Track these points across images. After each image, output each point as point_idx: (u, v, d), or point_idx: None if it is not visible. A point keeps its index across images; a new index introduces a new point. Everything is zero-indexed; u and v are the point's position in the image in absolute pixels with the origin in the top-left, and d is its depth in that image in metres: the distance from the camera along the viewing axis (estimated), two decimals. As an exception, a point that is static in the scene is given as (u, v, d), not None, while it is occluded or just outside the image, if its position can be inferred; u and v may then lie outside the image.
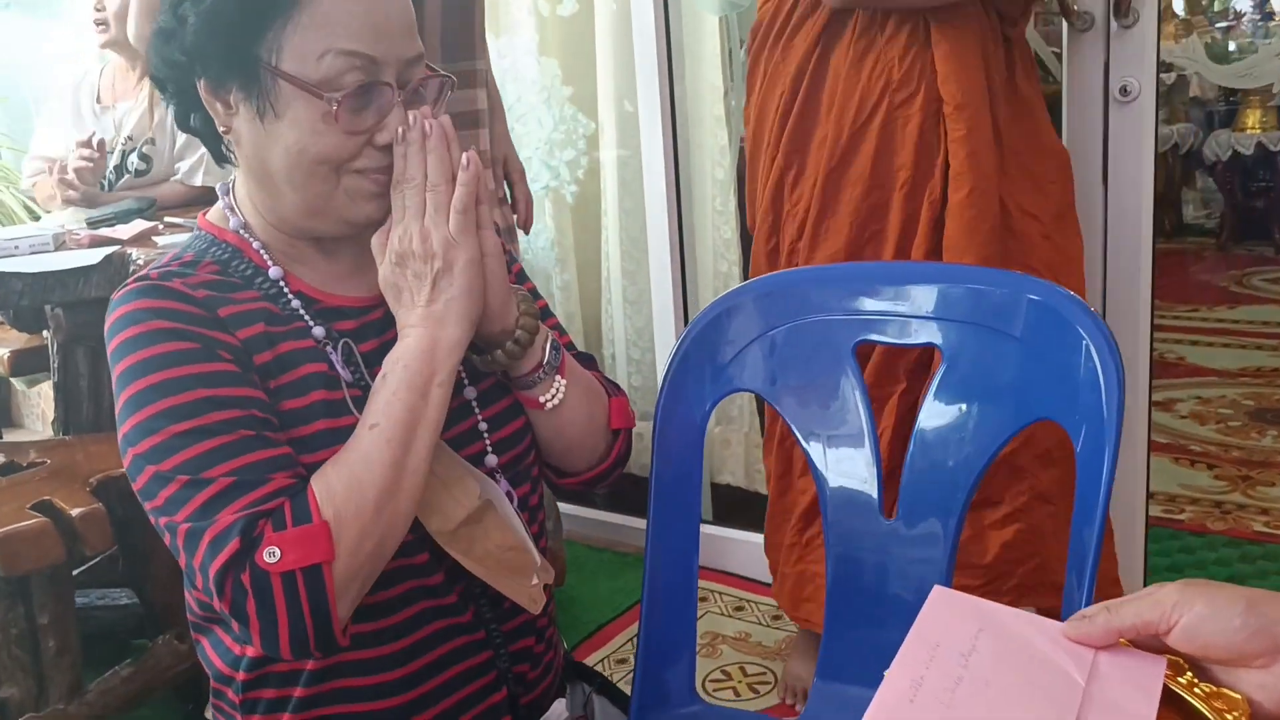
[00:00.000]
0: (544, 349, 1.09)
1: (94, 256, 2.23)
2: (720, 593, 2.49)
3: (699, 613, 2.23)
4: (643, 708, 1.23)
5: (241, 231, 1.05)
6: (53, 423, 2.61)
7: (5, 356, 2.88)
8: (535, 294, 1.15)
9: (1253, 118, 5.28)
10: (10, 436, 3.72)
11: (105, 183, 3.00)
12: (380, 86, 0.98)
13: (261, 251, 1.04)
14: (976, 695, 0.66)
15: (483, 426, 1.09)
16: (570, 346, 1.18)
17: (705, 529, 2.43)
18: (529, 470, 1.14)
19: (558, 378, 1.10)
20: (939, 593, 0.74)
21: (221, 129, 1.01)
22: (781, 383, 1.24)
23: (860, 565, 1.23)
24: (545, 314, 1.15)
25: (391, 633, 1.04)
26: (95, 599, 2.36)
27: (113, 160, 2.98)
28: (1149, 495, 2.17)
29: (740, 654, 2.27)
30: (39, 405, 3.76)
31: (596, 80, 2.67)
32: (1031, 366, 1.11)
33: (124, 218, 2.64)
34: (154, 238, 2.37)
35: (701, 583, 2.31)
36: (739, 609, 2.43)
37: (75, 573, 2.06)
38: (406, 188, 0.99)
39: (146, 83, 2.98)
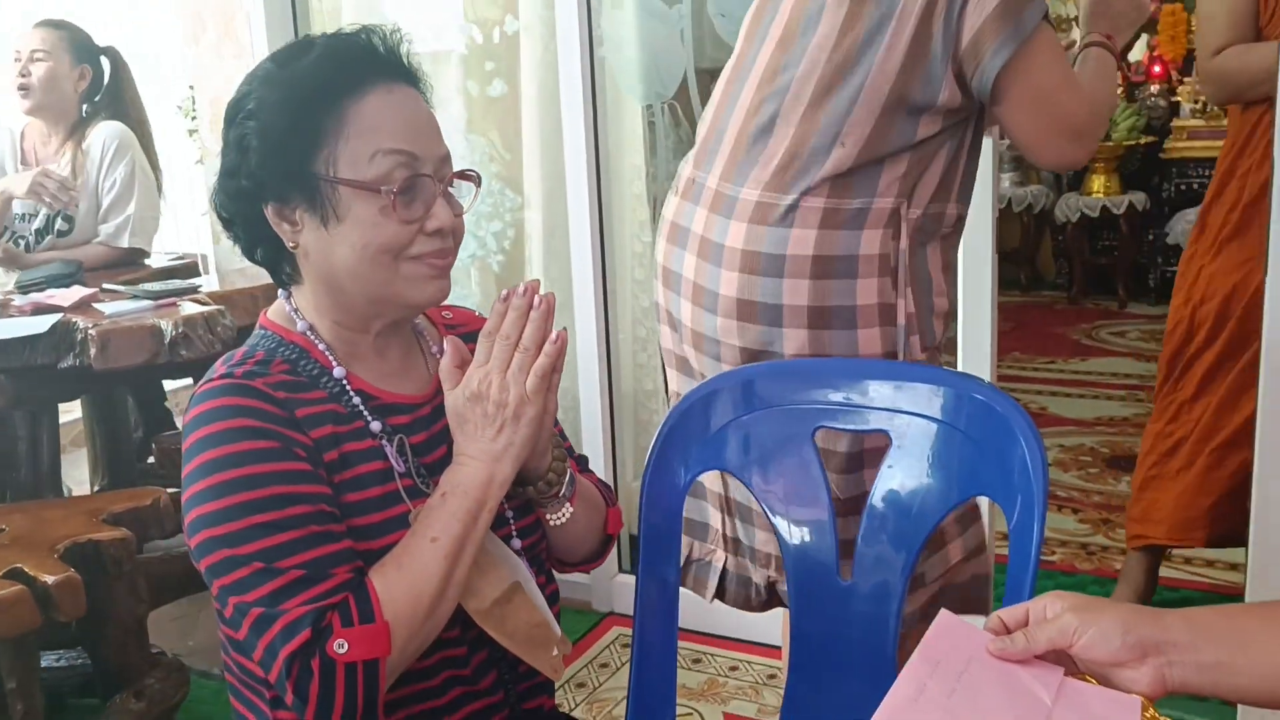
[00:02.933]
0: (564, 484, 1.26)
1: (41, 325, 2.29)
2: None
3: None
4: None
5: (308, 333, 1.18)
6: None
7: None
8: (562, 435, 1.32)
9: (1098, 182, 5.73)
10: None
11: (26, 242, 3.03)
12: (424, 179, 1.13)
13: (327, 352, 1.18)
14: (966, 704, 0.85)
15: (509, 514, 1.24)
16: (571, 451, 1.34)
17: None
18: (542, 556, 1.30)
19: (568, 504, 1.27)
20: (944, 616, 0.93)
21: (290, 245, 1.14)
22: (751, 461, 1.42)
23: (820, 620, 1.41)
24: (562, 437, 1.32)
25: (419, 696, 1.18)
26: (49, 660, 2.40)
27: (35, 223, 3.01)
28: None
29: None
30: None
31: (523, 157, 2.83)
32: (971, 452, 1.32)
33: (54, 281, 2.69)
34: (94, 305, 2.44)
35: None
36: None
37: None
38: (499, 340, 1.15)
39: (69, 145, 3.02)
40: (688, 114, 2.69)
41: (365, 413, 1.17)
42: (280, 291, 1.22)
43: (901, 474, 1.37)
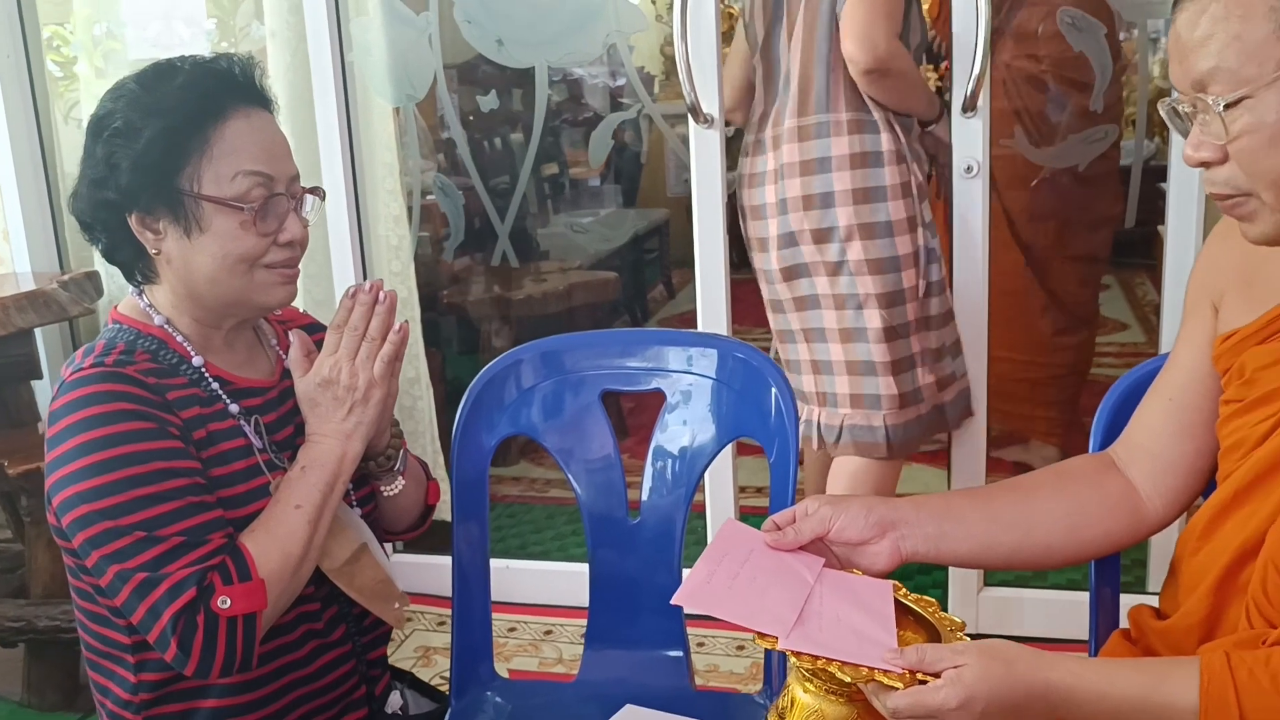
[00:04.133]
0: (399, 459, 1.44)
1: None
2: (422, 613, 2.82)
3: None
4: (460, 684, 1.58)
5: (166, 326, 1.30)
6: None
7: None
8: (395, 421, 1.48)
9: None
10: None
11: None
12: (278, 197, 1.28)
13: (185, 344, 1.30)
14: (746, 583, 1.09)
15: (349, 486, 1.40)
16: (400, 432, 1.51)
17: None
18: (377, 523, 1.47)
19: (400, 478, 1.45)
20: (729, 523, 1.17)
21: (153, 251, 1.26)
22: (549, 422, 1.63)
23: (613, 555, 1.64)
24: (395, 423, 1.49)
25: (279, 651, 1.32)
26: None
27: None
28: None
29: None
30: None
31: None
32: (734, 401, 1.58)
33: None
34: None
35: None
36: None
37: None
38: (348, 332, 1.31)
39: None
40: (432, 114, 2.86)
41: (223, 396, 1.31)
42: (132, 289, 1.33)
43: (676, 424, 1.62)
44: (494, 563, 1.64)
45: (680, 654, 1.59)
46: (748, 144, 2.44)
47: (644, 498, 1.62)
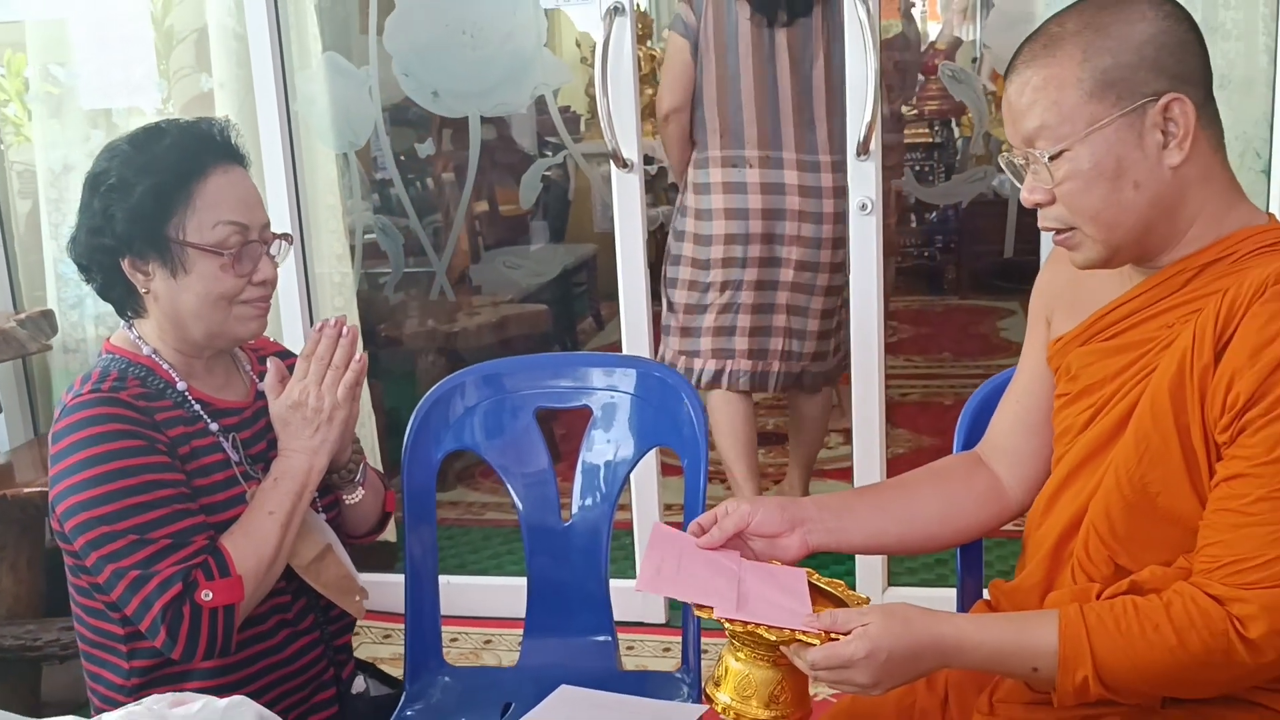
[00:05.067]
0: (359, 472, 1.63)
1: None
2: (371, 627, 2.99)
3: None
4: (414, 670, 1.77)
5: (154, 356, 1.49)
6: None
7: None
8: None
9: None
10: None
11: None
12: (252, 244, 1.47)
13: (170, 370, 1.49)
14: (689, 574, 1.29)
15: (315, 495, 1.58)
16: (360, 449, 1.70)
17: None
18: (340, 527, 1.66)
19: (360, 488, 1.64)
20: (659, 527, 1.38)
21: (143, 290, 1.45)
22: (490, 438, 1.83)
23: (549, 553, 1.84)
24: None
25: (256, 638, 1.51)
26: None
27: None
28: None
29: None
30: None
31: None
32: (651, 415, 1.80)
33: None
34: None
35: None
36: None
37: None
38: (315, 361, 1.50)
39: None
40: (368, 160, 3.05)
41: (205, 416, 1.50)
42: (123, 323, 1.52)
43: (602, 438, 1.83)
44: (437, 578, 1.83)
45: (608, 639, 1.80)
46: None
47: (574, 501, 1.83)
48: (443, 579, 1.84)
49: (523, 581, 1.84)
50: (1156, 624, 1.15)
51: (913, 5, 5.88)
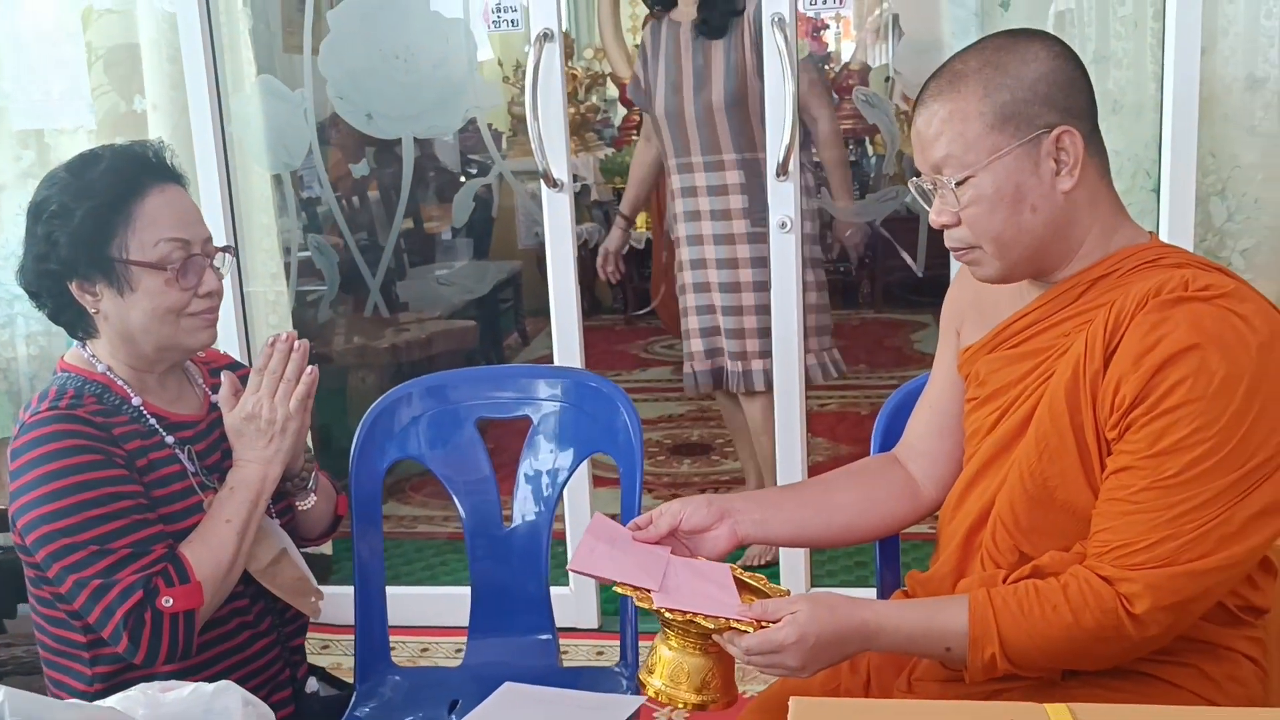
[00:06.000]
0: (311, 479, 1.70)
1: None
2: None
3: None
4: (364, 670, 1.84)
5: (108, 373, 1.54)
6: None
7: None
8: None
9: (641, 219, 6.62)
10: None
11: None
12: (195, 258, 1.53)
13: (125, 386, 1.55)
14: (622, 558, 1.39)
15: (270, 502, 1.65)
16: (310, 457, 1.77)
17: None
18: (294, 531, 1.72)
19: (312, 494, 1.72)
20: (598, 518, 1.47)
21: (93, 311, 1.51)
22: (434, 448, 1.91)
23: (491, 557, 1.92)
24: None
25: (218, 640, 1.57)
26: None
27: None
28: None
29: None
30: None
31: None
32: (588, 423, 1.89)
33: None
34: None
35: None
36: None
37: None
38: (268, 374, 1.57)
39: None
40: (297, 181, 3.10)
41: (160, 430, 1.56)
42: (75, 342, 1.57)
43: (541, 446, 1.92)
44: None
45: (549, 638, 1.88)
46: None
47: (515, 507, 1.91)
48: (380, 589, 1.91)
49: (459, 590, 1.92)
50: (1055, 604, 1.27)
51: (826, 27, 6.09)
